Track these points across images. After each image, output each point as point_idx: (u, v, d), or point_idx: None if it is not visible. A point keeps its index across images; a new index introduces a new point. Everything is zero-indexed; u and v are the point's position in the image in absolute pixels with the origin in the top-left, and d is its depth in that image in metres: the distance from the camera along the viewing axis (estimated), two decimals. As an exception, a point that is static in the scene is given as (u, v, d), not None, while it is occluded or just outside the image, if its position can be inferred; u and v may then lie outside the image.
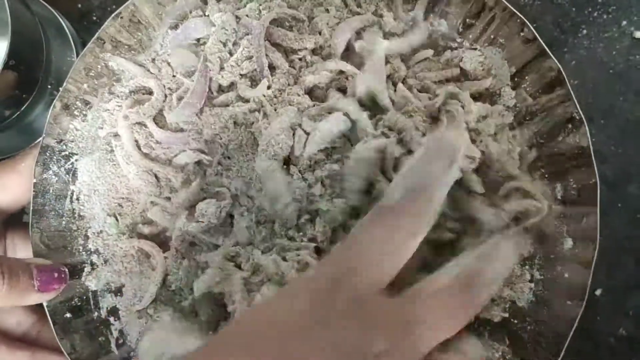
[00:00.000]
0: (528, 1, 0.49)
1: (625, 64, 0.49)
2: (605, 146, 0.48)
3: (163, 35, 0.43)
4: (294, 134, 0.39)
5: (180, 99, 0.41)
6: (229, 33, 0.40)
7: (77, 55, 0.48)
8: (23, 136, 0.49)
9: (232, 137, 0.40)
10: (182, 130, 0.42)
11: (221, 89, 0.42)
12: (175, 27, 0.43)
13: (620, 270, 0.48)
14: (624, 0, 0.49)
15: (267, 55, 0.40)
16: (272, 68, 0.41)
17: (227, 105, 0.41)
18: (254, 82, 0.41)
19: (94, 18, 0.51)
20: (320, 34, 0.42)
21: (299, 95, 0.40)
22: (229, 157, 0.41)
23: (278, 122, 0.39)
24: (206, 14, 0.42)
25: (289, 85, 0.41)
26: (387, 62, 0.41)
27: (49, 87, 0.48)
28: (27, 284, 0.36)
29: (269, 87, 0.40)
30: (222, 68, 0.41)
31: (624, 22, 0.49)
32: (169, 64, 0.42)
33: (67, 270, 0.39)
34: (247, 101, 0.40)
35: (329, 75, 0.41)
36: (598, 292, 0.47)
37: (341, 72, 0.41)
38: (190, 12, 0.42)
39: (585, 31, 0.49)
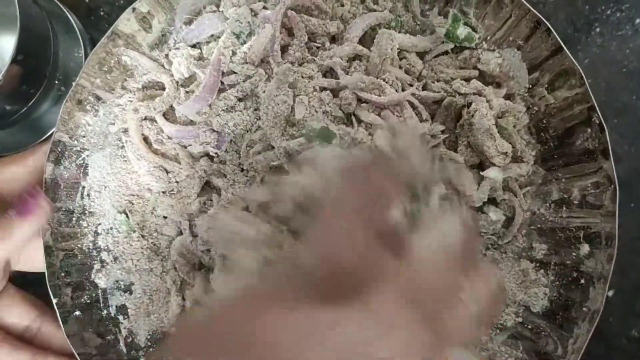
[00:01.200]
0: (541, -1, 0.49)
1: (639, 63, 0.48)
2: (618, 145, 0.48)
3: (177, 30, 0.42)
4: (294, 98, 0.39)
5: (189, 92, 0.41)
6: (243, 25, 0.40)
7: (85, 51, 0.48)
8: (30, 132, 0.48)
9: (238, 120, 0.40)
10: (192, 123, 0.42)
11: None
12: (189, 22, 0.42)
13: (632, 271, 0.47)
14: (637, -2, 0.48)
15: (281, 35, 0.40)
16: (284, 50, 0.41)
17: (235, 86, 0.40)
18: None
19: (102, 13, 0.50)
20: (341, 20, 0.41)
21: (312, 70, 0.40)
22: (235, 143, 0.41)
23: (275, 79, 0.38)
24: (220, 9, 0.41)
25: (305, 61, 0.40)
26: (402, 57, 0.41)
27: (57, 82, 0.47)
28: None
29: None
30: (234, 53, 0.40)
31: (638, 20, 0.48)
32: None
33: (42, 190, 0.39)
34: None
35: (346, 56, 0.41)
36: (610, 293, 0.47)
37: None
38: (204, 8, 0.42)
39: (598, 29, 0.49)
